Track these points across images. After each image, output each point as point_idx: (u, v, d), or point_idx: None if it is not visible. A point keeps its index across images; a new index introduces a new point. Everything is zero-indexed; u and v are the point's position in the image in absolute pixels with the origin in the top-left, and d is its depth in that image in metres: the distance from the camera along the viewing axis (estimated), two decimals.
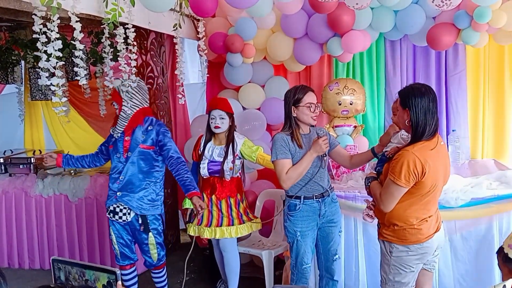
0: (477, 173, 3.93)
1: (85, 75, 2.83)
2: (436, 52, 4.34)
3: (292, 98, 2.98)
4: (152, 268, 3.58)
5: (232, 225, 3.65)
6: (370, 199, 2.84)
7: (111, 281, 1.56)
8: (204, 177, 3.67)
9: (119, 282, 1.52)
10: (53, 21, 2.51)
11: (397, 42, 4.39)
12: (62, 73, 2.59)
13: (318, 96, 4.28)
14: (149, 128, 3.41)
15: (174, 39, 3.83)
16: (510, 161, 4.28)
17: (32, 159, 4.70)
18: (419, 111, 2.44)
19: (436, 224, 2.65)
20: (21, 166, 4.69)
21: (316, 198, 3.01)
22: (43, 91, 4.77)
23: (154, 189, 3.45)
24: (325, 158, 3.03)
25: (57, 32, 2.53)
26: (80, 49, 2.76)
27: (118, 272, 1.51)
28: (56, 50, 2.54)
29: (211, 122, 3.63)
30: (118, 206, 3.40)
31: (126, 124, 3.37)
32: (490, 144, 4.41)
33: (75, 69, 2.78)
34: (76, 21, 2.71)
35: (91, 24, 3.64)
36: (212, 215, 3.67)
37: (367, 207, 2.85)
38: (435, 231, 2.62)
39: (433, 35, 3.87)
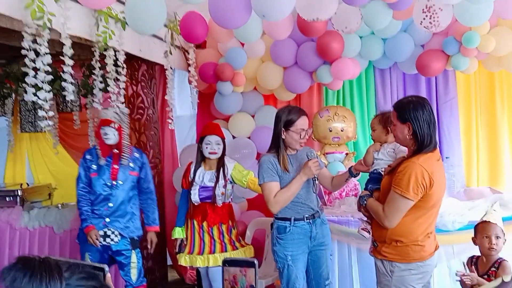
0: (473, 200, 3.83)
1: (73, 91, 2.79)
2: (426, 80, 4.37)
3: (285, 119, 2.83)
4: None
5: (226, 251, 3.52)
6: (364, 218, 2.71)
7: None
8: (195, 203, 3.55)
9: (108, 275, 1.48)
10: (43, 36, 2.51)
11: (387, 70, 4.43)
12: (50, 88, 2.54)
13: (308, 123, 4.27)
14: (135, 154, 3.52)
15: (164, 66, 3.84)
16: (506, 188, 4.21)
17: (18, 191, 4.58)
18: (422, 123, 2.36)
19: (435, 242, 2.55)
20: (7, 199, 4.57)
21: (307, 220, 2.87)
22: (32, 122, 4.74)
23: (136, 212, 3.56)
24: (316, 182, 2.89)
25: (47, 47, 2.52)
26: (69, 65, 2.74)
27: (107, 268, 1.47)
28: (45, 65, 2.52)
29: (206, 148, 3.54)
30: (109, 229, 3.43)
31: (128, 151, 3.45)
32: (485, 171, 4.36)
33: (63, 84, 2.71)
34: (66, 37, 2.71)
35: (83, 52, 3.66)
36: (204, 242, 3.53)
37: (364, 221, 2.72)
38: (434, 249, 2.52)
39: (422, 61, 3.91)
